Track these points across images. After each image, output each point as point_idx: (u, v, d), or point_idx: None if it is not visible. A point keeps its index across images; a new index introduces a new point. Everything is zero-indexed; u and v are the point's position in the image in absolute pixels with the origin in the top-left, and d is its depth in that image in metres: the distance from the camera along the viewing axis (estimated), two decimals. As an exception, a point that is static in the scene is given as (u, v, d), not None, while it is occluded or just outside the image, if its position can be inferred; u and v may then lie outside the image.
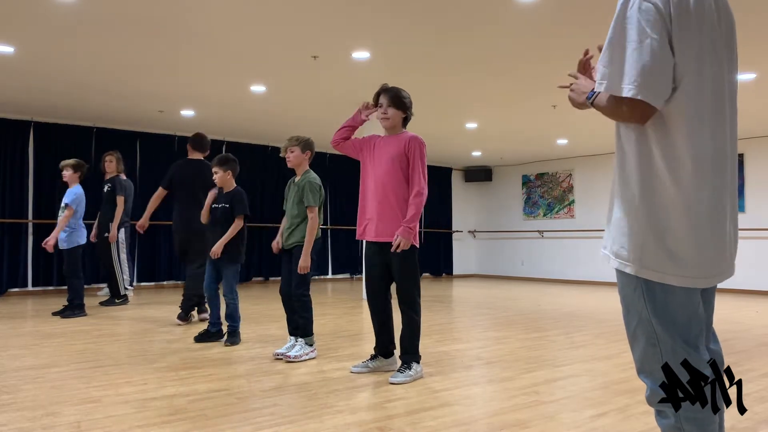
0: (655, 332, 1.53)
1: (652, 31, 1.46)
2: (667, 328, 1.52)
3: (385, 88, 3.69)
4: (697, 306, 1.55)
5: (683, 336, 1.52)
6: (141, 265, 9.68)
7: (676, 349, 1.51)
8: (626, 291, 1.60)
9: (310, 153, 4.26)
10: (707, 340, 1.63)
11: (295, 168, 4.25)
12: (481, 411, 2.93)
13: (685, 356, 1.50)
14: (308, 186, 4.13)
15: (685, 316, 1.53)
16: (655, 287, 1.53)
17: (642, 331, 1.56)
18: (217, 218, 4.73)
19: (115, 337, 4.96)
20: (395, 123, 3.66)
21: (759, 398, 3.17)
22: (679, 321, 1.52)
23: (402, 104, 3.66)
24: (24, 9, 4.81)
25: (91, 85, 7.10)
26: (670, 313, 1.52)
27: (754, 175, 10.07)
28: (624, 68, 1.47)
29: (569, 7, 4.80)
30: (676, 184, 1.50)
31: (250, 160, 10.80)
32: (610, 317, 6.52)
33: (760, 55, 5.86)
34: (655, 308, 1.53)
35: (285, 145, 4.24)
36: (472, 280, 13.06)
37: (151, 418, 2.78)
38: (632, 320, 1.59)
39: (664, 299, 1.52)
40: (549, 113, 8.46)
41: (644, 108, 1.47)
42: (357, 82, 6.89)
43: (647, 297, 1.54)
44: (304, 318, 4.14)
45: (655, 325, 1.53)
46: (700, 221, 1.50)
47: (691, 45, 1.50)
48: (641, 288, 1.55)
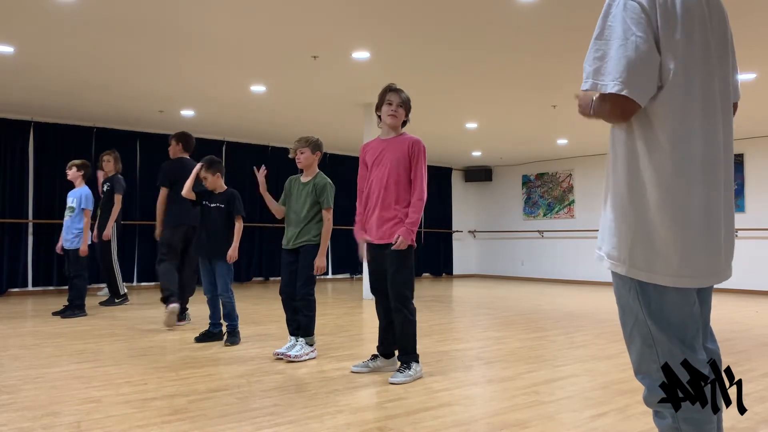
0: (651, 333, 1.53)
1: (638, 29, 1.46)
2: (662, 328, 1.52)
3: (394, 87, 3.70)
4: (692, 306, 1.55)
5: (679, 336, 1.52)
6: (141, 265, 9.68)
7: (673, 349, 1.51)
8: (621, 292, 1.60)
9: (320, 154, 4.27)
10: (704, 339, 1.63)
11: (305, 169, 4.26)
12: (481, 411, 2.93)
13: (681, 356, 1.50)
14: (328, 188, 4.17)
15: (680, 316, 1.53)
16: (648, 288, 1.53)
17: (638, 331, 1.56)
18: (213, 218, 4.75)
19: (115, 337, 4.96)
20: (399, 124, 3.70)
21: (759, 398, 3.17)
22: (674, 321, 1.52)
23: (408, 108, 3.72)
24: (24, 9, 4.81)
25: (91, 85, 7.10)
26: (665, 314, 1.52)
27: (754, 175, 10.06)
28: (608, 65, 1.47)
29: (569, 7, 4.80)
30: (661, 185, 1.49)
31: (250, 160, 10.80)
32: (610, 317, 6.52)
33: (760, 55, 5.86)
34: (650, 309, 1.53)
35: (295, 146, 4.23)
36: (472, 280, 13.06)
37: (151, 418, 2.78)
38: (628, 321, 1.59)
39: (659, 300, 1.52)
40: (549, 113, 8.46)
41: (627, 104, 1.47)
42: (357, 82, 6.89)
43: (642, 298, 1.54)
44: (307, 317, 4.14)
45: (650, 325, 1.53)
46: (687, 222, 1.49)
47: (677, 44, 1.49)
48: (635, 289, 1.55)
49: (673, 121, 1.49)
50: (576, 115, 8.50)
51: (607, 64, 1.47)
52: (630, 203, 1.53)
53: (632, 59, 1.44)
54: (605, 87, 1.46)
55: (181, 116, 8.87)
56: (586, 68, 1.53)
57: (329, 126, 9.48)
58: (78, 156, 8.83)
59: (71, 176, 6.37)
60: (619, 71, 1.44)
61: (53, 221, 8.84)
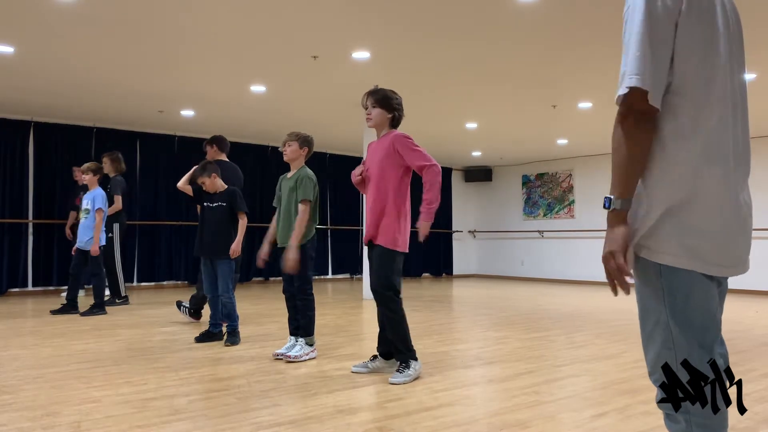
0: (672, 335, 1.52)
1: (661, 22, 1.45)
2: (684, 331, 1.51)
3: (371, 90, 3.69)
4: (714, 305, 1.54)
5: (699, 340, 1.51)
6: (141, 265, 9.68)
7: (692, 353, 1.50)
8: (644, 292, 1.58)
9: (307, 150, 4.26)
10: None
11: (290, 162, 4.26)
12: (481, 411, 2.93)
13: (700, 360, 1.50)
14: (306, 180, 4.13)
15: (702, 317, 1.52)
16: (676, 286, 1.51)
17: (659, 333, 1.54)
18: (215, 217, 4.76)
19: (115, 337, 4.96)
20: (378, 122, 3.64)
21: (759, 398, 3.17)
22: (696, 324, 1.51)
23: (386, 103, 3.62)
24: (24, 9, 4.81)
25: (91, 85, 7.10)
26: (689, 315, 1.51)
27: (753, 175, 10.05)
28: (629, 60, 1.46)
29: (569, 7, 4.80)
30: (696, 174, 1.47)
31: (250, 160, 10.81)
32: (610, 317, 6.52)
33: (760, 55, 5.87)
34: (674, 310, 1.52)
35: (284, 139, 4.25)
36: (472, 280, 13.06)
37: (151, 418, 2.78)
38: (648, 322, 1.57)
39: (684, 299, 1.50)
40: (549, 113, 8.46)
41: (643, 98, 1.44)
42: (357, 82, 6.89)
43: (667, 299, 1.52)
44: (307, 317, 4.14)
45: (672, 327, 1.52)
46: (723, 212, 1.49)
47: (700, 35, 1.48)
48: (662, 288, 1.52)
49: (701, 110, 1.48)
50: (576, 116, 8.51)
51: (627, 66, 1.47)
52: (666, 192, 1.50)
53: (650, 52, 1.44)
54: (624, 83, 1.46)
55: (181, 116, 8.87)
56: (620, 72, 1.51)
57: (329, 126, 9.48)
58: (78, 156, 8.87)
59: (88, 181, 6.45)
60: (637, 66, 1.44)
61: (53, 221, 8.84)
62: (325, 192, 11.92)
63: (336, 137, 10.53)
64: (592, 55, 5.95)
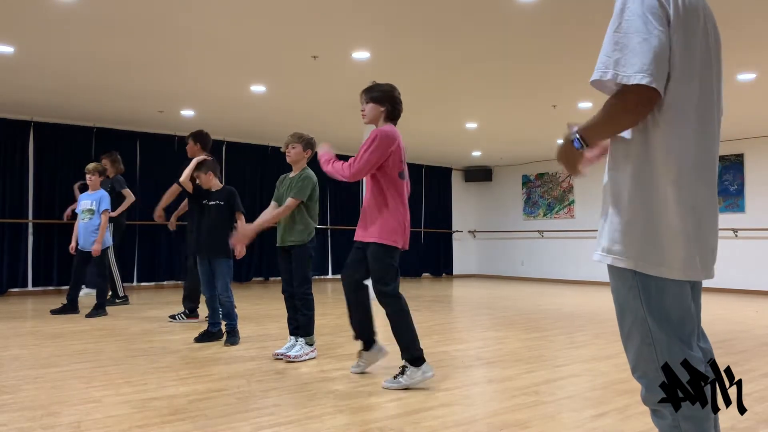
0: (650, 330, 1.55)
1: (658, 23, 1.49)
2: (662, 325, 1.54)
3: (366, 88, 3.62)
4: (689, 302, 1.58)
5: (678, 334, 1.54)
6: (141, 265, 9.68)
7: (672, 347, 1.53)
8: (620, 291, 1.61)
9: (310, 152, 4.27)
10: (697, 338, 1.65)
11: (293, 164, 4.26)
12: (481, 411, 2.93)
13: (680, 354, 1.52)
14: (305, 181, 4.15)
15: (679, 312, 1.56)
16: (650, 284, 1.55)
17: (637, 330, 1.57)
18: (213, 216, 4.76)
19: (115, 337, 4.96)
20: (372, 117, 3.56)
21: (759, 398, 3.17)
22: (673, 318, 1.54)
23: (379, 97, 3.53)
24: (24, 9, 4.81)
25: (91, 85, 7.10)
26: (665, 310, 1.54)
27: (754, 175, 10.06)
28: (630, 58, 1.48)
29: (569, 7, 4.80)
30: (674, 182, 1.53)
31: (250, 160, 10.81)
32: (610, 317, 6.52)
33: (760, 55, 5.86)
34: (650, 306, 1.55)
35: (287, 140, 4.25)
36: (472, 280, 13.06)
37: (151, 418, 2.78)
38: (626, 320, 1.60)
39: (659, 296, 1.55)
40: (549, 113, 8.46)
41: (654, 95, 1.49)
42: (357, 82, 6.87)
43: (642, 295, 1.56)
44: (306, 316, 4.14)
45: (650, 323, 1.55)
46: (696, 219, 1.55)
47: (685, 45, 1.53)
48: (637, 287, 1.56)
49: (679, 121, 1.53)
50: (576, 116, 8.50)
51: (628, 57, 1.48)
52: (640, 200, 1.55)
53: (657, 52, 1.47)
54: (629, 78, 1.47)
55: (181, 116, 8.87)
56: (602, 59, 1.53)
57: (329, 126, 9.47)
58: (78, 156, 8.87)
59: (93, 182, 6.44)
60: (646, 63, 1.46)
61: (53, 221, 8.83)
62: (325, 192, 11.92)
63: (336, 137, 10.52)
64: (592, 55, 5.94)
